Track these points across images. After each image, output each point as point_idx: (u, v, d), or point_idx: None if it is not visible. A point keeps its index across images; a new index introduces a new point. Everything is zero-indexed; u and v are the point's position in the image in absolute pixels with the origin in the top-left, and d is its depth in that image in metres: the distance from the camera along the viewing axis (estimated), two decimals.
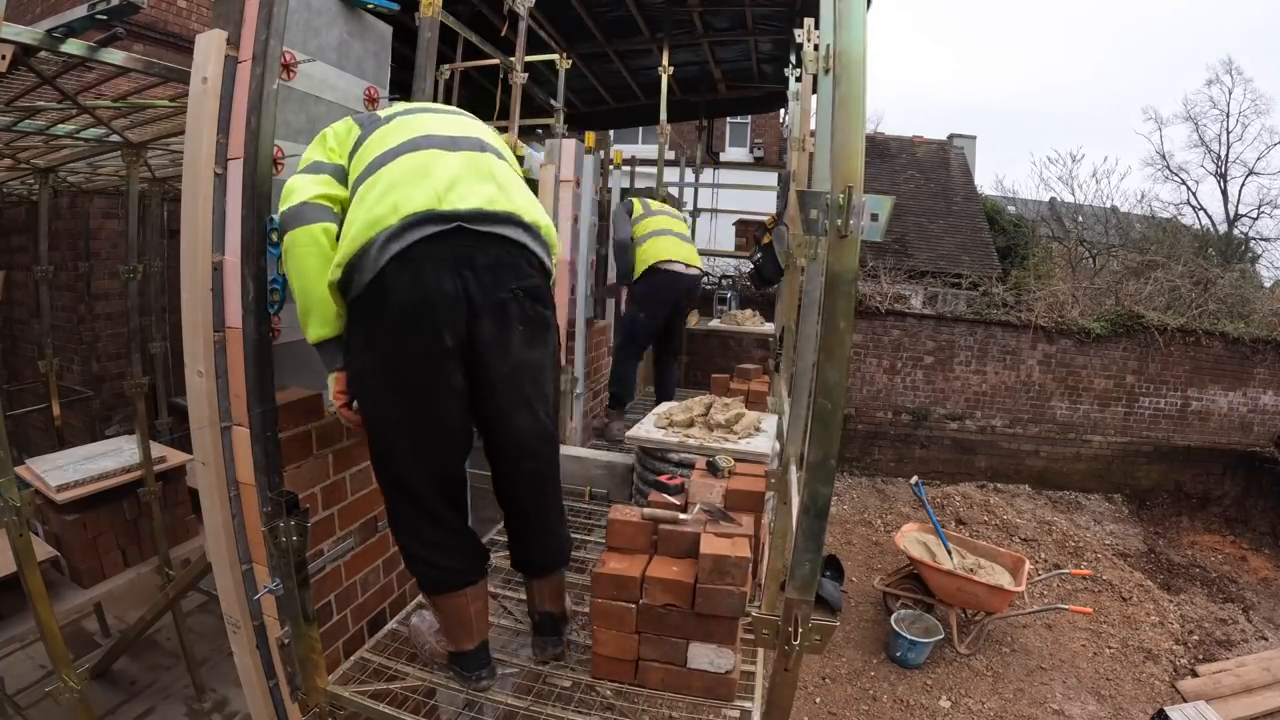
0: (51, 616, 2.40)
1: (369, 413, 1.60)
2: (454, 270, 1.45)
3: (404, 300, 1.44)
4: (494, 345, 1.52)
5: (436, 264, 1.44)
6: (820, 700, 4.42)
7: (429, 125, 1.61)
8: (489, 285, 1.48)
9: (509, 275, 1.52)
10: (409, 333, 1.47)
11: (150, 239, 4.21)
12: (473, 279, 1.47)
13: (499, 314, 1.51)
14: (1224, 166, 17.64)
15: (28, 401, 5.11)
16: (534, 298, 1.57)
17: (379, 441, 1.61)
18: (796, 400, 1.92)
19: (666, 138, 5.84)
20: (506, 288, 1.51)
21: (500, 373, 1.55)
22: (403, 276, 1.44)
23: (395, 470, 1.61)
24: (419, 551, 1.67)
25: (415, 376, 1.50)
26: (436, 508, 1.63)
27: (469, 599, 1.70)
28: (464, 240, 1.47)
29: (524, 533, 1.81)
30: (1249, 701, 4.57)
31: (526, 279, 1.55)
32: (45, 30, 1.79)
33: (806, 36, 2.56)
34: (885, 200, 1.18)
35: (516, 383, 1.58)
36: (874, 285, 8.44)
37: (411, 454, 1.58)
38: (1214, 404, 8.04)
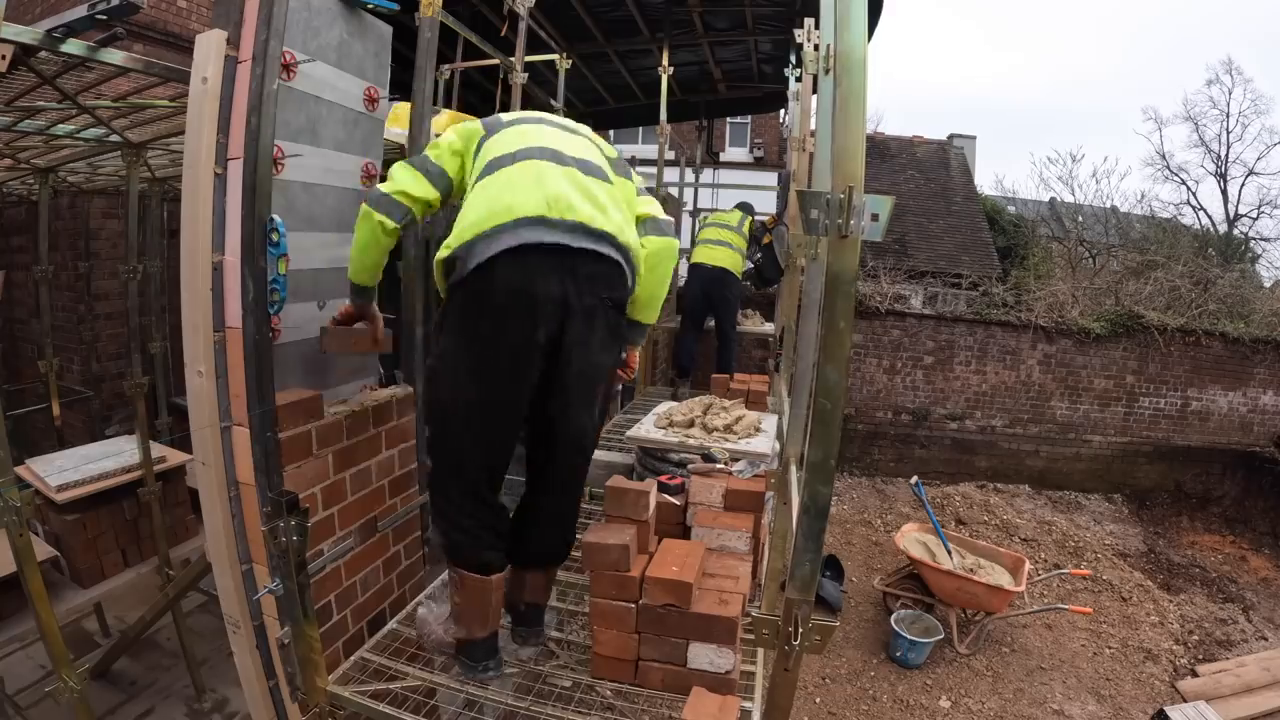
0: (51, 616, 2.40)
1: (444, 392, 1.68)
2: (559, 276, 1.58)
3: (510, 292, 1.56)
4: (577, 345, 1.64)
5: (543, 266, 1.57)
6: (820, 700, 4.42)
7: (547, 138, 1.75)
8: (585, 291, 1.62)
9: (603, 285, 1.66)
10: (508, 322, 1.58)
11: (150, 239, 4.20)
12: (572, 285, 1.60)
13: (588, 317, 1.63)
14: (1224, 166, 17.62)
15: (28, 401, 5.10)
16: (619, 308, 1.73)
17: (447, 421, 1.69)
18: (796, 400, 1.93)
19: (666, 138, 5.84)
20: (598, 295, 1.65)
21: (577, 371, 1.67)
22: (512, 271, 1.56)
23: (456, 450, 1.68)
24: (471, 529, 1.72)
25: (504, 363, 1.61)
26: (486, 492, 1.72)
27: (495, 585, 1.76)
28: (571, 253, 1.60)
29: (543, 523, 1.87)
30: (1249, 701, 4.57)
31: (617, 290, 1.70)
32: (45, 30, 1.78)
33: (806, 36, 2.56)
34: (885, 200, 1.18)
35: (588, 382, 1.71)
36: (874, 285, 8.44)
37: (477, 436, 1.67)
38: (1214, 404, 8.04)
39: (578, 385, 1.69)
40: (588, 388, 1.72)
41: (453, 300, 1.65)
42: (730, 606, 1.81)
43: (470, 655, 1.79)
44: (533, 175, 1.64)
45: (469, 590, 1.75)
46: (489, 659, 1.79)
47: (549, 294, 1.58)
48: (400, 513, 2.27)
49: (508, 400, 1.65)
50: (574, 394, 1.70)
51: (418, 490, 2.35)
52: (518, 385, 1.64)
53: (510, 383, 1.63)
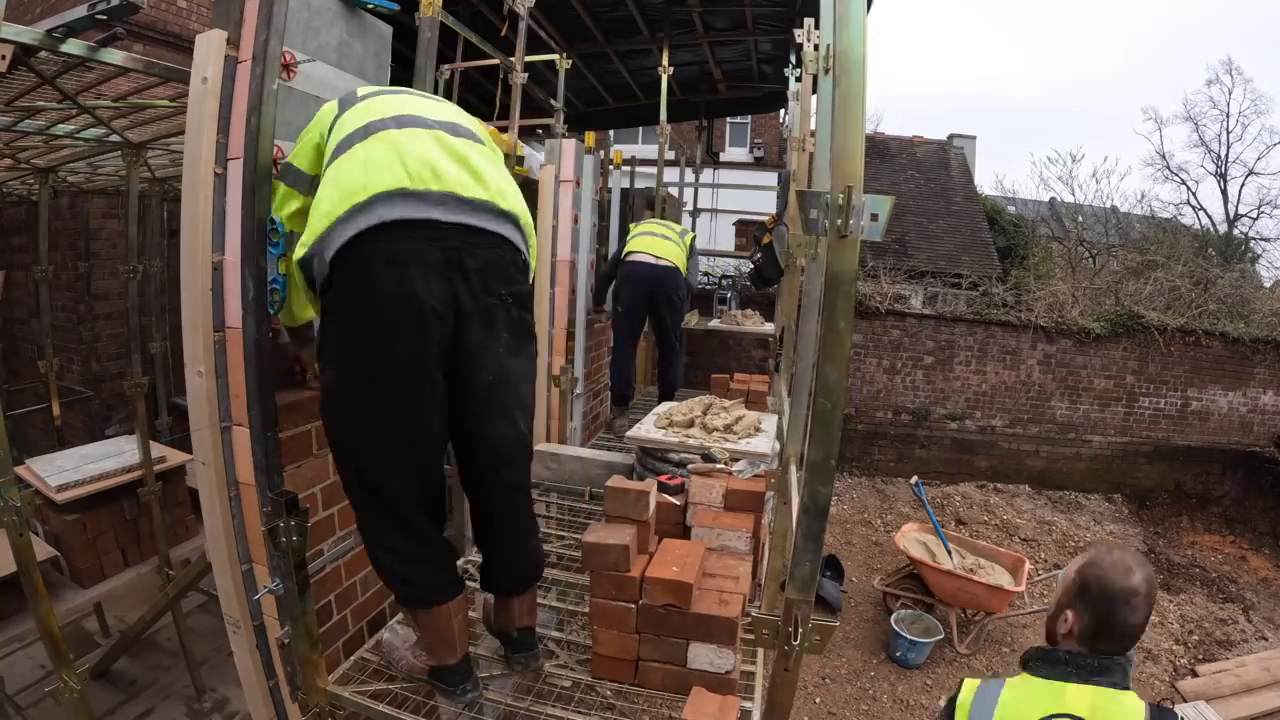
0: (51, 616, 2.40)
1: (344, 421, 1.49)
2: (444, 274, 1.39)
3: (391, 301, 1.36)
4: (479, 352, 1.46)
5: (425, 266, 1.37)
6: (820, 700, 4.42)
7: (405, 105, 1.54)
8: (478, 290, 1.42)
9: (498, 280, 1.46)
10: (396, 337, 1.38)
11: (150, 239, 4.21)
12: (462, 283, 1.40)
13: (486, 320, 1.45)
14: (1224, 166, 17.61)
15: (28, 401, 5.11)
16: (520, 304, 1.53)
17: (355, 453, 1.51)
18: (796, 400, 1.92)
19: (666, 138, 5.85)
20: (495, 293, 1.45)
21: (484, 380, 1.49)
22: (388, 275, 1.36)
23: (373, 483, 1.51)
24: (399, 569, 1.59)
25: (399, 382, 1.42)
26: (417, 521, 1.55)
27: (451, 613, 1.63)
28: (453, 241, 1.39)
29: (501, 549, 1.74)
30: (1249, 701, 4.57)
31: (514, 284, 1.51)
32: (45, 30, 1.79)
33: (806, 36, 2.56)
34: (885, 200, 1.18)
35: (500, 390, 1.53)
36: (874, 285, 8.43)
37: (392, 465, 1.49)
38: (1214, 404, 8.04)
39: (487, 395, 1.51)
40: (498, 396, 1.53)
41: (327, 320, 1.45)
42: (730, 606, 1.81)
43: (446, 680, 1.70)
44: (389, 145, 1.42)
45: (424, 624, 1.66)
46: (465, 681, 1.70)
47: (436, 298, 1.37)
48: None
49: (416, 422, 1.46)
50: (486, 404, 1.53)
51: None
52: (423, 404, 1.45)
53: (413, 403, 1.44)
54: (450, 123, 1.54)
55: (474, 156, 1.49)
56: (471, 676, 1.72)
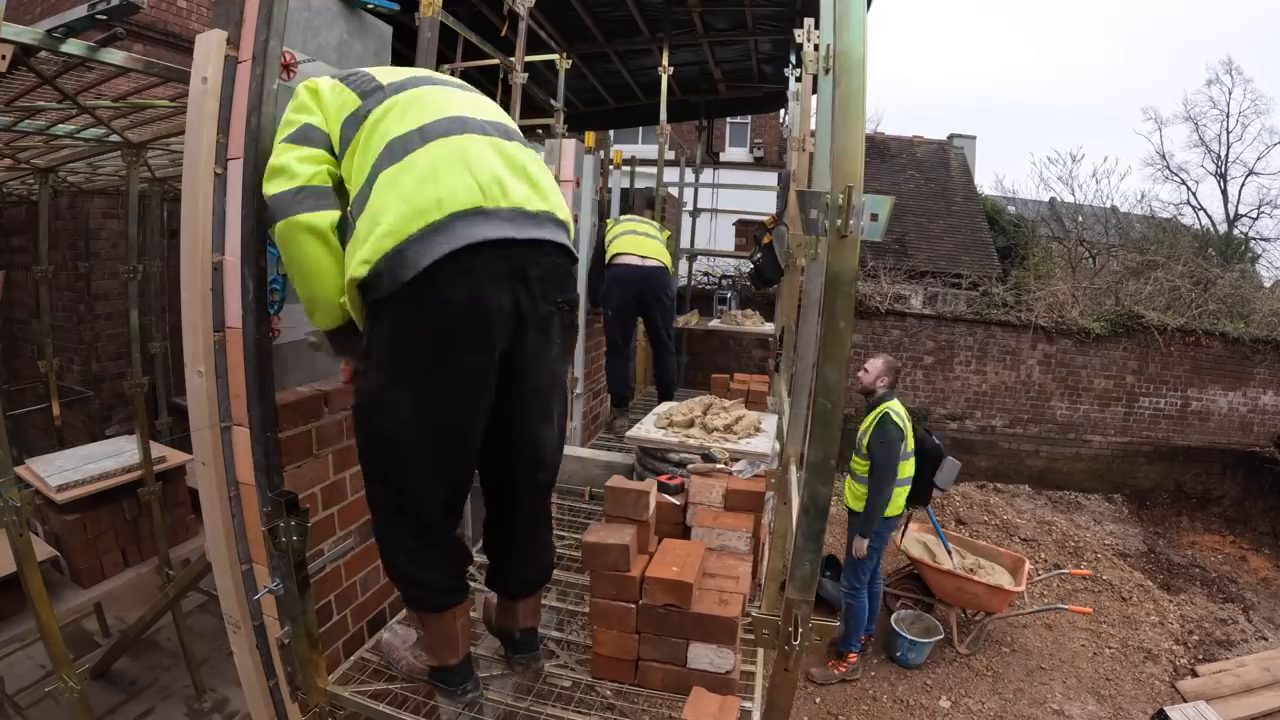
0: (51, 616, 2.40)
1: (391, 432, 1.44)
2: (509, 284, 1.37)
3: (460, 312, 1.33)
4: (533, 358, 1.46)
5: (493, 276, 1.35)
6: (820, 700, 4.42)
7: (452, 104, 1.46)
8: (539, 298, 1.42)
9: (556, 289, 1.46)
10: (461, 346, 1.36)
11: (150, 239, 4.21)
12: (524, 292, 1.39)
13: (543, 327, 1.45)
14: (1224, 166, 17.61)
15: (28, 401, 5.11)
16: (573, 309, 1.55)
17: (389, 456, 1.47)
18: (796, 400, 1.92)
19: (666, 138, 5.84)
20: (553, 301, 1.46)
21: (535, 385, 1.50)
22: (457, 284, 1.31)
23: (403, 487, 1.48)
24: (413, 573, 1.58)
25: (457, 390, 1.40)
26: (438, 526, 1.55)
27: (457, 615, 1.63)
28: (517, 251, 1.37)
29: (519, 552, 1.72)
30: (1249, 701, 4.57)
31: (569, 292, 1.51)
32: (45, 30, 1.79)
33: (806, 36, 2.56)
34: (885, 200, 1.18)
35: (547, 395, 1.55)
36: (874, 285, 8.44)
37: (428, 470, 1.47)
38: (1214, 404, 8.04)
39: (536, 399, 1.52)
40: (546, 400, 1.55)
41: (381, 322, 1.36)
42: (730, 606, 1.81)
43: (446, 680, 1.70)
44: (455, 156, 1.36)
45: (430, 626, 1.66)
46: (466, 681, 1.69)
47: (500, 306, 1.36)
48: None
49: (465, 429, 1.45)
50: (534, 408, 1.53)
51: None
52: (475, 411, 1.44)
53: (467, 409, 1.43)
54: (500, 125, 1.50)
55: (530, 165, 1.47)
56: (472, 676, 1.72)
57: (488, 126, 1.45)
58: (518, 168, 1.43)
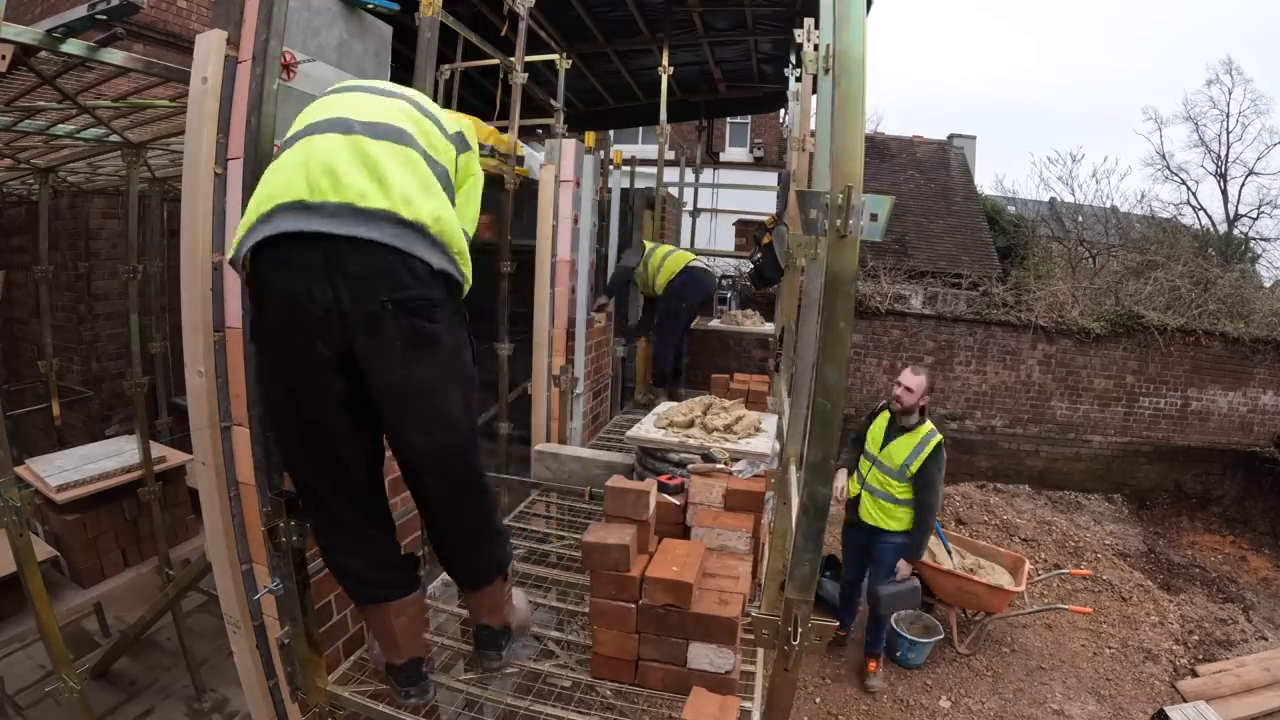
0: (51, 616, 2.40)
1: (265, 409, 1.57)
2: (325, 277, 1.34)
3: (277, 299, 1.38)
4: (371, 359, 1.40)
5: (307, 268, 1.34)
6: (820, 700, 4.42)
7: (346, 107, 1.49)
8: (359, 296, 1.35)
9: (382, 285, 1.36)
10: (284, 336, 1.41)
11: (150, 239, 4.21)
12: (344, 287, 1.34)
13: (372, 327, 1.38)
14: (1224, 166, 17.61)
15: (28, 401, 5.11)
16: (412, 311, 1.40)
17: (279, 444, 1.58)
18: (796, 400, 1.93)
19: (666, 138, 5.85)
20: (377, 299, 1.36)
21: (384, 388, 1.43)
22: (276, 274, 1.36)
23: (298, 475, 1.58)
24: (330, 558, 1.64)
25: (297, 381, 1.44)
26: (348, 517, 1.57)
27: (390, 614, 1.63)
28: (337, 244, 1.33)
29: (440, 549, 1.71)
30: (1249, 701, 4.57)
31: (403, 289, 1.38)
32: (45, 30, 1.79)
33: (806, 36, 2.56)
34: (885, 200, 1.18)
35: (403, 399, 1.45)
36: (874, 285, 8.43)
37: (309, 460, 1.52)
38: (1214, 404, 8.04)
39: (394, 403, 1.45)
40: (406, 405, 1.46)
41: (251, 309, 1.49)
42: (730, 606, 1.81)
43: (393, 678, 1.72)
44: (303, 153, 1.40)
45: (369, 619, 1.70)
46: (410, 685, 1.70)
47: (315, 302, 1.34)
48: (400, 513, 2.26)
49: (320, 422, 1.46)
50: (393, 412, 1.47)
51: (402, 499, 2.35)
52: (323, 406, 1.44)
53: (313, 404, 1.45)
54: (377, 124, 1.46)
55: (385, 162, 1.40)
56: (418, 682, 1.71)
57: (358, 126, 1.44)
58: (368, 164, 1.39)
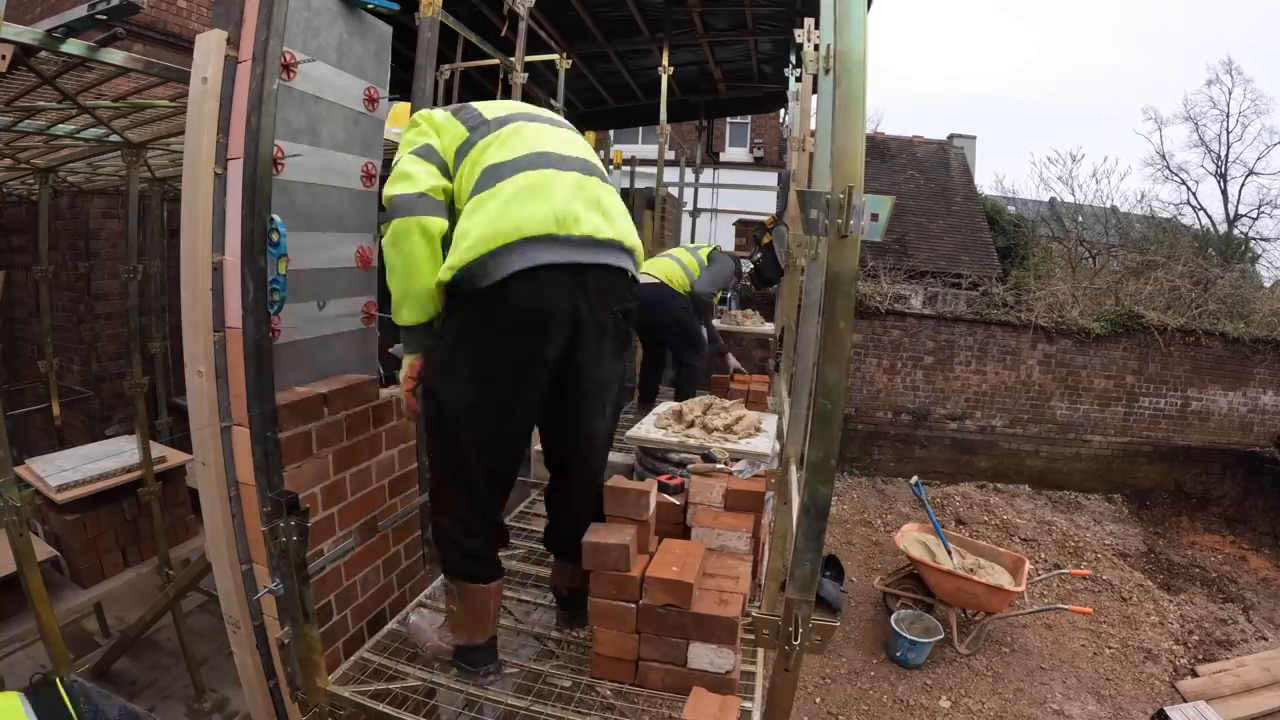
0: (51, 616, 2.40)
1: (449, 401, 1.67)
2: (570, 291, 1.59)
3: (524, 311, 1.56)
4: (591, 358, 1.67)
5: (556, 285, 1.57)
6: (820, 700, 4.42)
7: (543, 140, 1.70)
8: (596, 306, 1.64)
9: (613, 298, 1.69)
10: (521, 339, 1.59)
11: (150, 239, 4.21)
12: (583, 300, 1.61)
13: (599, 331, 1.67)
14: (1224, 166, 17.62)
15: (28, 401, 5.10)
16: (628, 318, 1.76)
17: (451, 430, 1.68)
18: (796, 400, 1.93)
19: (666, 138, 5.85)
20: (609, 309, 1.68)
21: (592, 382, 1.72)
22: (524, 290, 1.55)
23: (460, 460, 1.70)
24: (458, 536, 1.76)
25: (513, 377, 1.62)
26: (488, 502, 1.76)
27: (493, 593, 1.81)
28: (582, 269, 1.61)
29: (565, 518, 1.96)
30: (1249, 701, 4.57)
31: (625, 302, 1.73)
32: (45, 30, 1.78)
33: (806, 36, 2.57)
34: (885, 200, 1.18)
35: (602, 391, 1.76)
36: (874, 285, 8.44)
37: (481, 446, 1.68)
38: (1214, 404, 8.04)
39: (592, 395, 1.75)
40: (600, 396, 1.77)
41: (456, 315, 1.64)
42: (730, 606, 1.81)
43: (470, 660, 1.83)
44: (538, 188, 1.60)
45: (470, 601, 1.80)
46: (489, 663, 1.83)
47: (559, 310, 1.59)
48: (400, 513, 2.27)
49: (512, 412, 1.67)
50: (590, 402, 1.76)
51: (418, 490, 2.35)
52: (523, 397, 1.66)
53: (515, 395, 1.65)
54: (583, 160, 1.72)
55: (605, 198, 1.70)
56: (496, 659, 1.86)
57: (572, 162, 1.69)
58: (593, 200, 1.66)
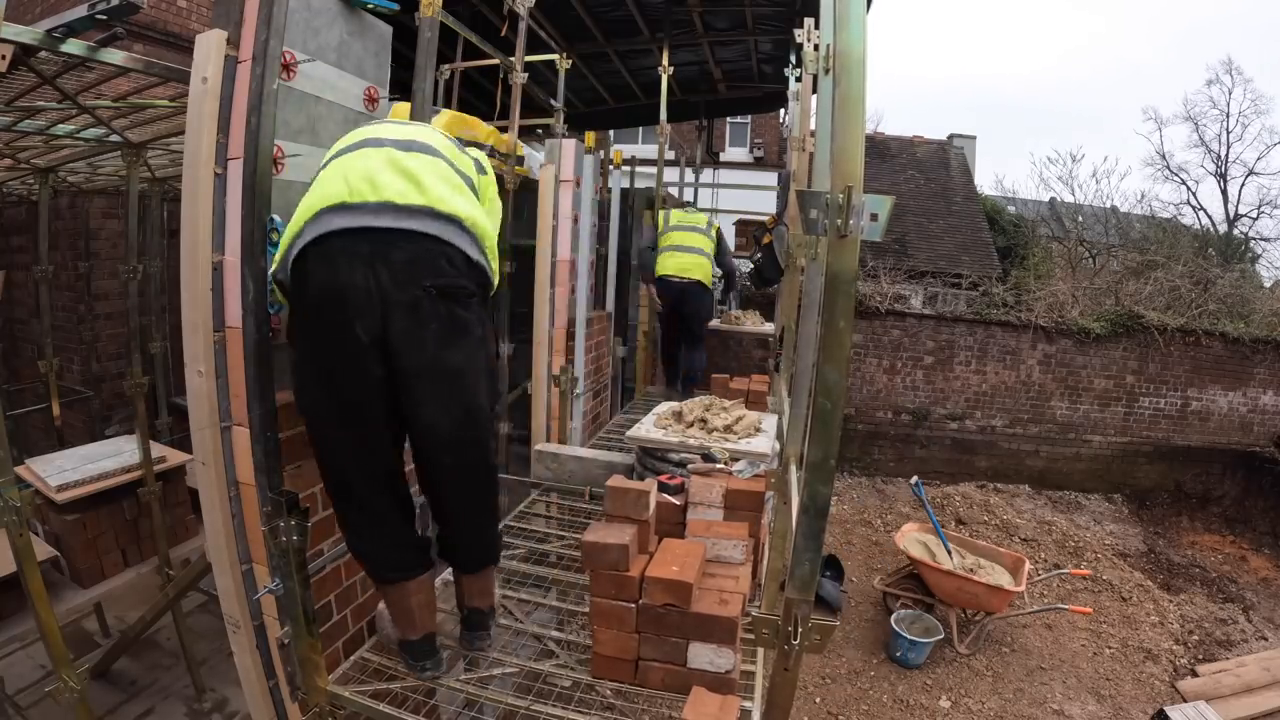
0: (51, 616, 2.40)
1: (300, 400, 1.64)
2: (367, 264, 1.48)
3: (318, 289, 1.50)
4: (405, 340, 1.51)
5: (350, 257, 1.48)
6: (820, 700, 4.42)
7: (368, 131, 1.66)
8: (402, 281, 1.49)
9: (424, 272, 1.51)
10: (324, 322, 1.51)
11: (150, 239, 4.21)
12: (385, 273, 1.48)
13: (410, 310, 1.51)
14: (1224, 166, 17.62)
15: (28, 401, 5.10)
16: (449, 296, 1.54)
17: (311, 430, 1.65)
18: (796, 400, 1.92)
19: (666, 138, 5.84)
20: (419, 284, 1.50)
21: (413, 368, 1.54)
22: (320, 267, 1.49)
23: (326, 461, 1.65)
24: (355, 543, 1.74)
25: (335, 366, 1.54)
26: (371, 500, 1.66)
27: (408, 591, 1.74)
28: (382, 236, 1.49)
29: (448, 529, 1.80)
30: (1249, 701, 4.57)
31: (442, 277, 1.53)
32: (45, 30, 1.79)
33: (806, 36, 2.56)
34: (885, 200, 1.18)
35: (431, 380, 1.56)
36: (874, 285, 8.43)
37: (344, 446, 1.61)
38: (1214, 404, 8.04)
39: (420, 383, 1.56)
40: (431, 385, 1.57)
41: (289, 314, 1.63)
42: (730, 606, 1.81)
43: (409, 653, 1.83)
44: (340, 166, 1.57)
45: (387, 598, 1.80)
46: (426, 659, 1.81)
47: (356, 286, 1.47)
48: None
49: (349, 402, 1.55)
50: (419, 392, 1.56)
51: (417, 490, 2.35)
52: (359, 390, 1.54)
53: (349, 388, 1.53)
54: (405, 140, 1.64)
55: (417, 168, 1.58)
56: (434, 655, 1.82)
57: (387, 142, 1.62)
58: (402, 170, 1.57)
